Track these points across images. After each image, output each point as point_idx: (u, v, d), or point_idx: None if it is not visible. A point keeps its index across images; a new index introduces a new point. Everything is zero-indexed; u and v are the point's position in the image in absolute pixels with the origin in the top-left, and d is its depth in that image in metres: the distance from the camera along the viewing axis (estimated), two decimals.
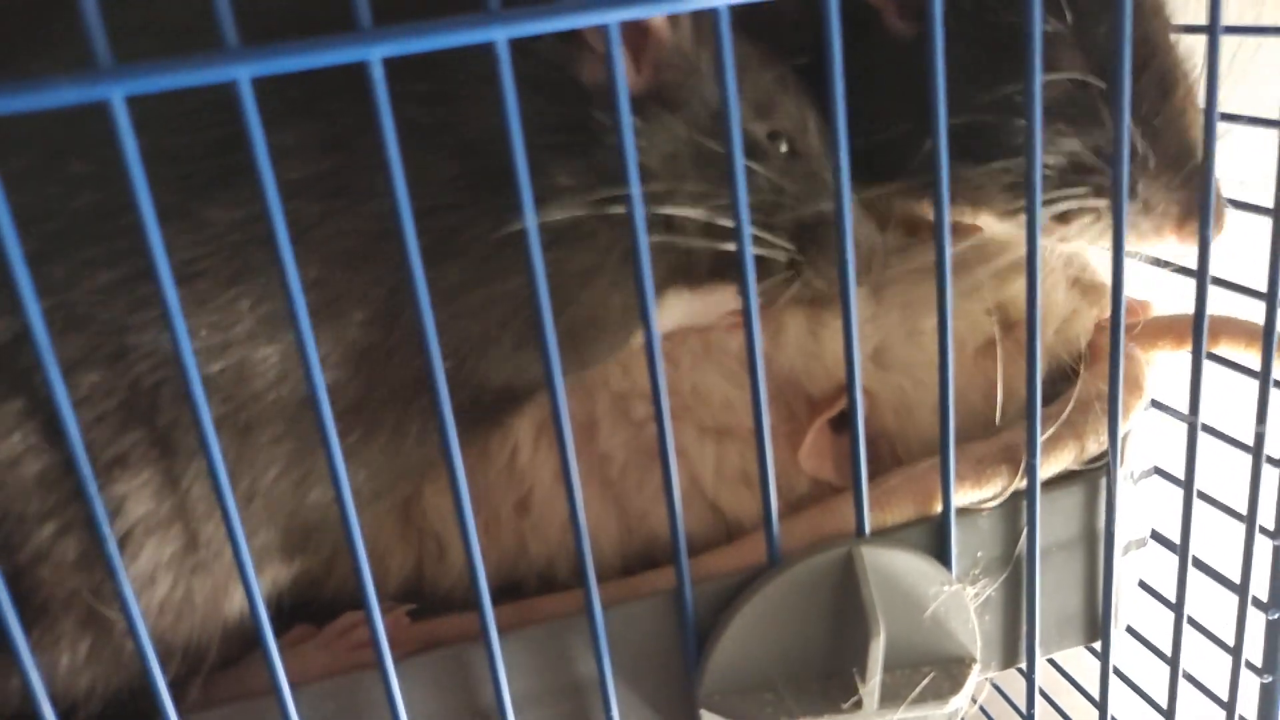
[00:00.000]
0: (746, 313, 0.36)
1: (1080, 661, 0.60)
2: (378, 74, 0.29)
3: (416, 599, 0.47)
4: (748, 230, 0.34)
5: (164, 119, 0.36)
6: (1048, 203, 0.45)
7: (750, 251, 0.35)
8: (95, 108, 0.28)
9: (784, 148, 0.43)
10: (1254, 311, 0.47)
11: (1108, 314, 0.44)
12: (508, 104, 0.31)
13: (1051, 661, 0.64)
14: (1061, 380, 0.50)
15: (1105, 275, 0.52)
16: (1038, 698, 0.48)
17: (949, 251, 0.37)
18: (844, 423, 0.46)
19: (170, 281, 0.30)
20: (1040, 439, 0.41)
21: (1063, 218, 0.46)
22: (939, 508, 0.42)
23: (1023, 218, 0.39)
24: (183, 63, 0.28)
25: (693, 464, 0.48)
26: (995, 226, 0.49)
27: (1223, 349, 0.49)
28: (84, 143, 0.35)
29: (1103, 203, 0.45)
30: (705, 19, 0.39)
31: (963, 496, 0.43)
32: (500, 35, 0.30)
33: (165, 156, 0.35)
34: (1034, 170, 0.36)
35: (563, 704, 0.41)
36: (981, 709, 0.68)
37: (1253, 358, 0.48)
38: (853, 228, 0.36)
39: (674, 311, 0.45)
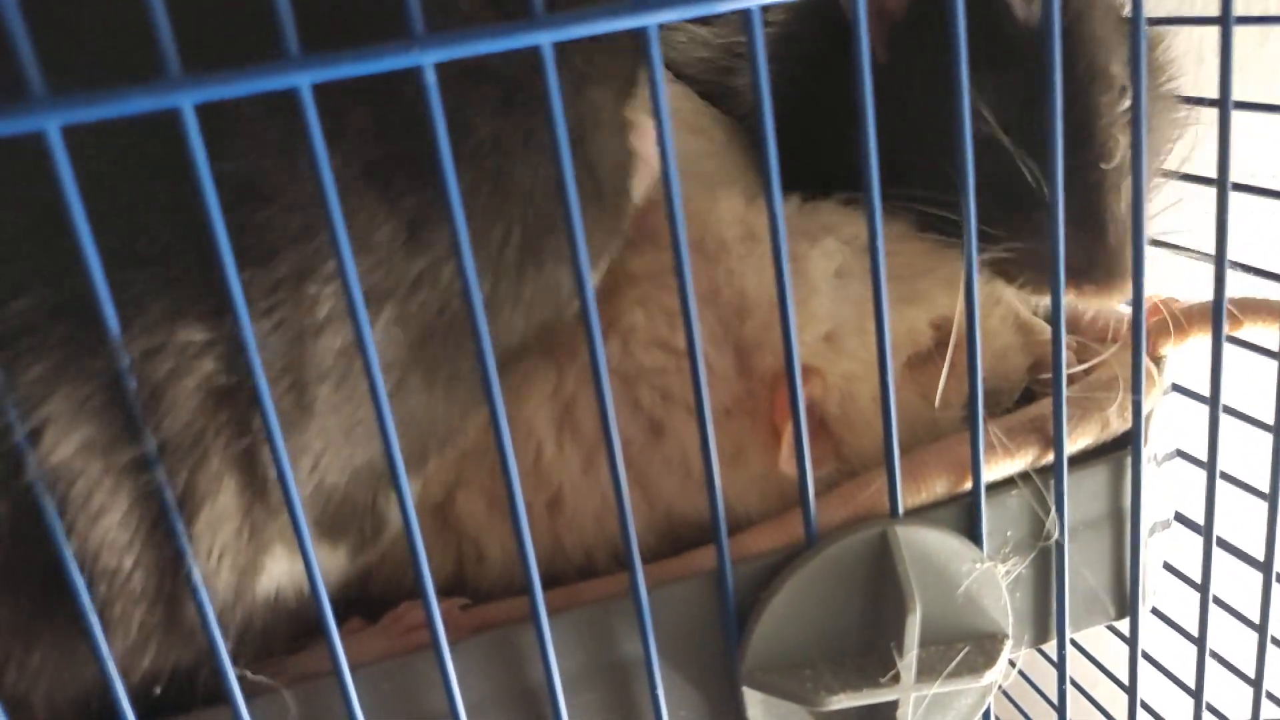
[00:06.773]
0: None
1: (1107, 648, 0.61)
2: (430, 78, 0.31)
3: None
4: None
5: None
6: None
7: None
8: None
9: None
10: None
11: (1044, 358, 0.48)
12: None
13: (1077, 645, 0.65)
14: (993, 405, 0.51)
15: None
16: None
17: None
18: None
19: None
20: (1065, 419, 0.42)
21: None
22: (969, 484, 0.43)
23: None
24: (243, 74, 0.30)
25: (684, 444, 0.49)
26: None
27: (1248, 330, 0.50)
28: None
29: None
30: None
31: (995, 470, 0.44)
32: (546, 39, 0.32)
33: None
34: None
35: (609, 683, 0.42)
36: (1004, 692, 0.69)
37: (1275, 336, 0.49)
38: None
39: None
